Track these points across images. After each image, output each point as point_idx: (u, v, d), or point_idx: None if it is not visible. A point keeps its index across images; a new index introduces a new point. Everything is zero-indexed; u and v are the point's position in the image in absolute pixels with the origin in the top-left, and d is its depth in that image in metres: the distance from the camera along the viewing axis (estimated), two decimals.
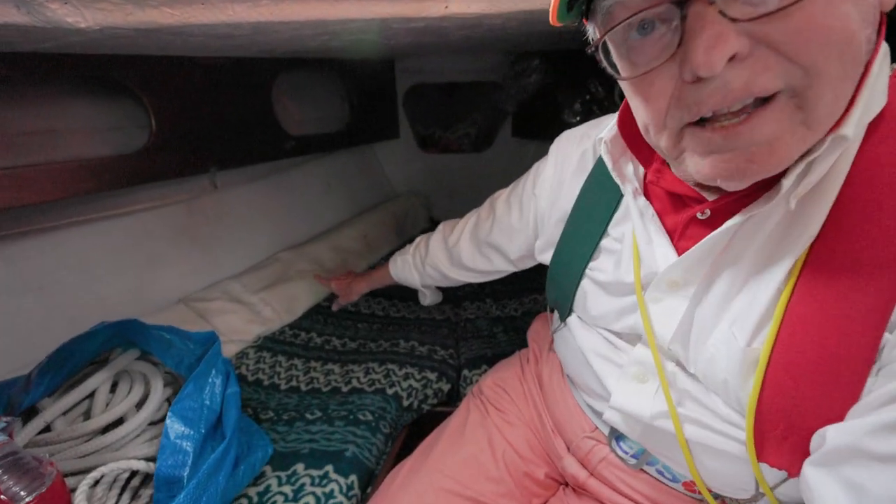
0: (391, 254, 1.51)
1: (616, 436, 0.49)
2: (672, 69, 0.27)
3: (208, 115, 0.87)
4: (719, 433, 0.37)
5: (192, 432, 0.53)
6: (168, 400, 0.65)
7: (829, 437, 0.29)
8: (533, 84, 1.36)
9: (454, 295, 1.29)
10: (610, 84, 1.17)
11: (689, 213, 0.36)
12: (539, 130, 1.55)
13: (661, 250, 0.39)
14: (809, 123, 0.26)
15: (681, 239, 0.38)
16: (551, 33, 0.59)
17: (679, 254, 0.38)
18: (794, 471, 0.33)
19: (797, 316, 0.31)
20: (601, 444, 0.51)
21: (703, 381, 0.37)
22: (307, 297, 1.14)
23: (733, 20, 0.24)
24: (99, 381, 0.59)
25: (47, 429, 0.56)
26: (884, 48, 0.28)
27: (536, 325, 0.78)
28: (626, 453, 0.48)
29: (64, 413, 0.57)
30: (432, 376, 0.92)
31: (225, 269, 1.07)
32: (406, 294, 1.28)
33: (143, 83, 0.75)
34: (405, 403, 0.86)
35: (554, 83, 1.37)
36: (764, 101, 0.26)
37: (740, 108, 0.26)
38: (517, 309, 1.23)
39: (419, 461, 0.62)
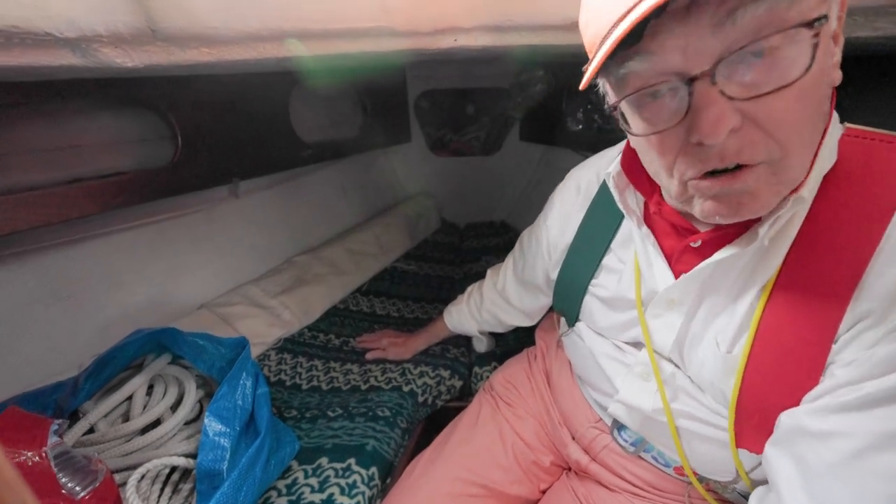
0: (404, 256, 1.57)
1: (618, 426, 0.54)
2: (680, 131, 0.32)
3: (231, 128, 0.91)
4: (708, 424, 0.43)
5: (228, 430, 0.57)
6: (200, 402, 0.68)
7: (781, 421, 0.36)
8: (538, 93, 1.41)
9: None
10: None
11: (685, 243, 0.42)
12: (545, 136, 1.58)
13: (660, 273, 0.45)
14: (782, 182, 0.33)
15: (677, 263, 0.44)
16: (556, 53, 0.63)
17: (675, 276, 0.43)
18: None
19: (767, 330, 0.37)
20: (604, 434, 0.57)
21: (695, 381, 0.44)
22: (323, 299, 1.17)
23: (730, 98, 0.29)
24: (136, 385, 0.63)
25: (91, 430, 0.59)
26: (834, 116, 0.35)
27: (545, 324, 0.81)
28: (626, 441, 0.54)
29: (105, 415, 0.60)
30: (445, 374, 0.95)
31: (244, 273, 1.10)
32: (420, 296, 1.31)
33: (171, 102, 0.79)
34: (420, 399, 0.89)
35: (558, 91, 1.41)
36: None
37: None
38: None
39: (436, 453, 0.67)
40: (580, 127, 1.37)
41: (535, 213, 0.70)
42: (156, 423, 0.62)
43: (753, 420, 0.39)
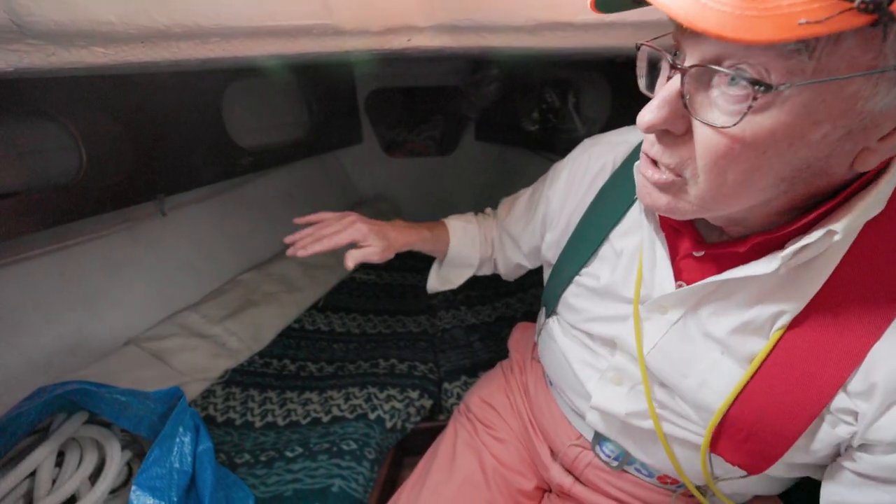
0: (363, 265, 1.47)
1: (599, 441, 0.53)
2: None
3: (150, 136, 0.77)
4: (682, 427, 0.43)
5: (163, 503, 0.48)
6: (129, 464, 0.58)
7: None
8: (493, 92, 1.39)
9: (429, 305, 1.27)
10: (563, 94, 1.21)
11: (687, 252, 0.42)
12: (501, 136, 1.56)
13: (660, 278, 0.43)
14: (695, 203, 0.33)
15: (679, 269, 0.43)
16: (511, 55, 0.59)
17: (675, 278, 0.42)
18: (752, 471, 0.40)
19: (780, 356, 0.37)
20: (587, 451, 0.55)
21: (675, 390, 0.43)
22: (275, 320, 1.07)
23: (684, 106, 0.29)
24: (41, 456, 0.51)
25: None
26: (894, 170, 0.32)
27: (516, 335, 0.79)
28: (609, 456, 0.53)
29: (1, 500, 0.49)
30: (414, 394, 0.91)
31: (180, 299, 0.98)
32: (382, 308, 1.25)
33: (68, 108, 0.65)
34: (389, 425, 0.84)
35: (512, 91, 1.40)
36: None
37: None
38: (491, 315, 1.23)
39: (414, 495, 0.61)
40: (536, 127, 1.36)
41: None
42: (71, 501, 0.51)
43: (740, 434, 0.39)
